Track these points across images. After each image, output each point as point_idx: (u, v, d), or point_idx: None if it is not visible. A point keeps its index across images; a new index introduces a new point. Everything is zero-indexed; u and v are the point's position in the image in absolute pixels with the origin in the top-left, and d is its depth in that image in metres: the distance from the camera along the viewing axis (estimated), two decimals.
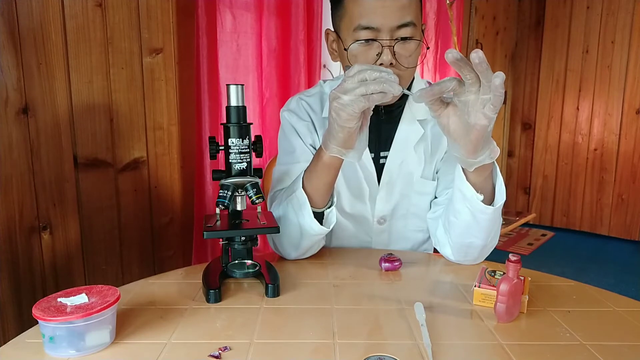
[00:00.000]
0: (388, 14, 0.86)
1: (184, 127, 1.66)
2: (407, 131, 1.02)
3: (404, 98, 1.02)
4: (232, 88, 0.81)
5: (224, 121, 0.83)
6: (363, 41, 0.89)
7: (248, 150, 0.82)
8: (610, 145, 3.58)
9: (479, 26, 3.37)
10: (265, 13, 1.77)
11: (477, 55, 0.62)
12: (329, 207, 0.92)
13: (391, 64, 0.88)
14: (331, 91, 0.76)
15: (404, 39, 0.88)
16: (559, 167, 3.84)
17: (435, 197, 1.07)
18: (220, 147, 0.83)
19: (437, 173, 1.06)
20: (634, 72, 3.41)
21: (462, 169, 0.82)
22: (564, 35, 3.67)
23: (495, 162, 0.82)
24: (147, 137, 1.57)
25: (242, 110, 0.82)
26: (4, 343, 0.64)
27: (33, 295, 1.34)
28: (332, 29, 0.98)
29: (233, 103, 0.81)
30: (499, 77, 0.63)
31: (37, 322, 0.62)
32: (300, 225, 0.90)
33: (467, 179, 0.82)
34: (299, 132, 1.04)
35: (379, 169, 1.03)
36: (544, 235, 3.77)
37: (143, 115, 1.55)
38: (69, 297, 0.64)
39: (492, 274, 0.78)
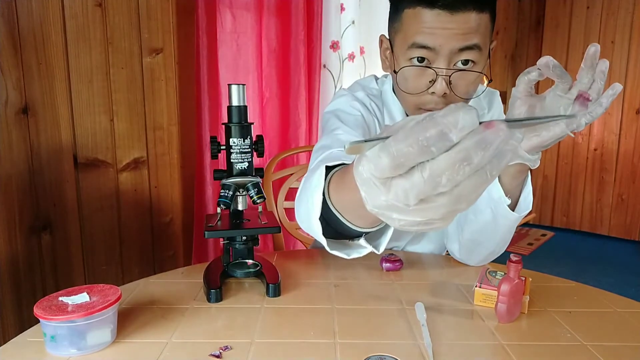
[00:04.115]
0: (449, 36, 0.75)
1: (184, 127, 1.65)
2: None
3: None
4: (234, 88, 0.81)
5: (224, 121, 0.83)
6: (416, 63, 0.79)
7: (249, 150, 0.82)
8: (610, 145, 3.58)
9: None
10: (265, 13, 1.77)
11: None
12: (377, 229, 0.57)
13: (445, 93, 0.78)
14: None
15: (465, 62, 0.78)
16: (559, 167, 3.84)
17: None
18: (222, 147, 0.83)
19: None
20: (634, 72, 3.41)
21: None
22: (564, 35, 3.67)
23: (529, 172, 0.79)
24: (147, 137, 1.57)
25: (243, 110, 0.82)
26: (4, 343, 0.64)
27: (33, 295, 1.34)
28: (387, 37, 0.88)
29: (235, 103, 0.81)
30: (609, 98, 0.63)
31: (37, 322, 0.62)
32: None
33: (500, 181, 0.78)
34: (365, 119, 0.92)
35: None
36: (544, 235, 3.77)
37: (143, 115, 1.55)
38: (70, 296, 0.64)
39: (493, 274, 0.78)
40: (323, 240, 0.60)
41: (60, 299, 0.63)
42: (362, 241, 0.59)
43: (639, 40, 3.37)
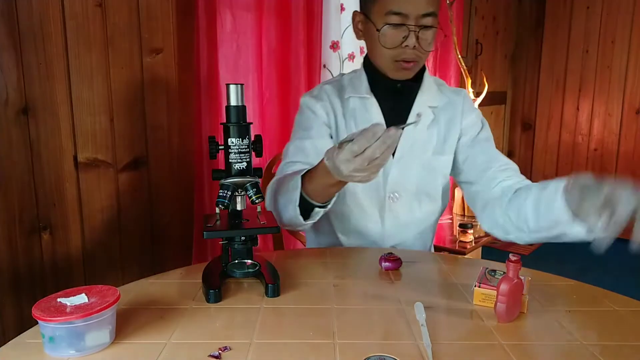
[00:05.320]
0: (416, 3, 1.00)
1: (184, 127, 1.65)
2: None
3: (418, 80, 1.12)
4: (232, 87, 0.81)
5: (224, 121, 0.83)
6: (394, 24, 1.02)
7: (248, 149, 0.82)
8: (610, 145, 3.58)
9: (479, 26, 3.36)
10: (265, 13, 1.77)
11: None
12: (323, 207, 0.94)
13: (414, 47, 1.01)
14: (342, 160, 0.76)
15: (427, 27, 1.01)
16: (559, 167, 3.83)
17: (469, 182, 1.11)
18: (220, 147, 0.83)
19: (465, 160, 1.11)
20: (634, 72, 3.41)
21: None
22: (564, 35, 3.67)
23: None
24: (147, 137, 1.57)
25: (241, 109, 0.82)
26: (4, 343, 0.64)
27: (33, 296, 1.34)
28: (360, 11, 1.11)
29: (233, 102, 0.81)
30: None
31: (37, 323, 0.62)
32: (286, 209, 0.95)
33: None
34: (316, 112, 1.13)
35: None
36: None
37: (143, 115, 1.55)
38: (68, 297, 0.64)
39: (493, 273, 0.78)
40: (302, 223, 0.94)
41: (58, 300, 0.63)
42: (317, 210, 0.93)
43: (639, 40, 3.36)
